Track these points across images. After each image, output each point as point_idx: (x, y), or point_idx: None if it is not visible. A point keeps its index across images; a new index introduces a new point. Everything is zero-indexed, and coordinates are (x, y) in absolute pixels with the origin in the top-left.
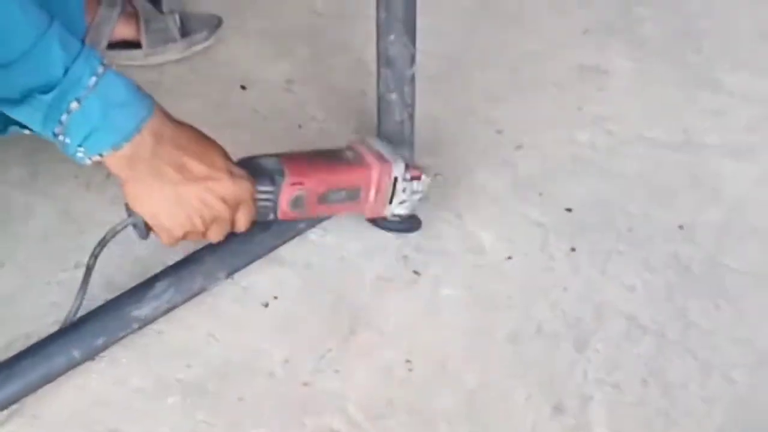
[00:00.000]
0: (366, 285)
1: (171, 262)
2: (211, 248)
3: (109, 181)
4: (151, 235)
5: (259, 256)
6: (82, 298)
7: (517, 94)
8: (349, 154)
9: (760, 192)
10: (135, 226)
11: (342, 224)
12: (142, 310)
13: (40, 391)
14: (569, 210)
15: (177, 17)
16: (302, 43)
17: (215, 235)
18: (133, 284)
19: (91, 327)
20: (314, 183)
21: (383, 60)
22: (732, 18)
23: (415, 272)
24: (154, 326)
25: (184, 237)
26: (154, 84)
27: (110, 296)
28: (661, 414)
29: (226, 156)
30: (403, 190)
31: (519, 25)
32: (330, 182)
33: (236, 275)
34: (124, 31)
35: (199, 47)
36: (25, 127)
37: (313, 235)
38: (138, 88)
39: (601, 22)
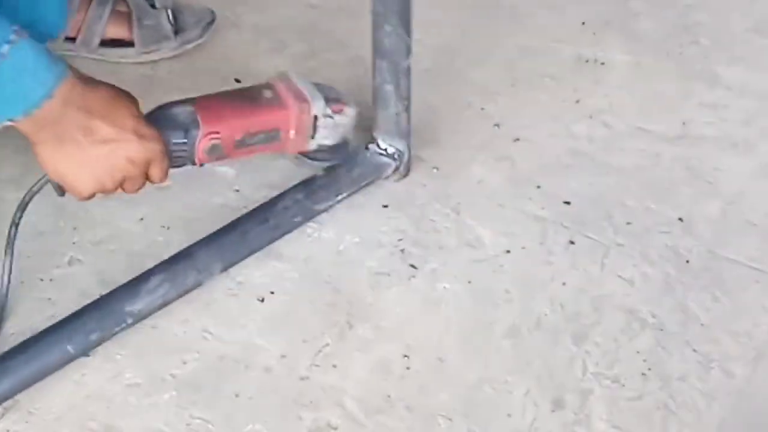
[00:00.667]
0: (363, 279)
1: (166, 256)
2: (206, 243)
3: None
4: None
5: (254, 251)
6: (9, 274)
7: (515, 88)
8: (267, 93)
9: (758, 185)
10: (51, 183)
11: (339, 218)
12: (136, 305)
13: (34, 387)
14: (567, 203)
15: (170, 12)
16: (297, 36)
17: (129, 190)
18: (126, 279)
19: (85, 322)
20: (229, 130)
21: (378, 51)
22: (728, 11)
23: (413, 266)
24: (149, 321)
25: (93, 196)
26: (148, 78)
27: (104, 291)
28: (660, 407)
29: (136, 116)
30: (324, 126)
31: (516, 19)
32: (246, 127)
33: (231, 270)
34: (116, 30)
35: (191, 45)
36: None
37: (310, 229)
38: (50, 55)
39: (598, 15)
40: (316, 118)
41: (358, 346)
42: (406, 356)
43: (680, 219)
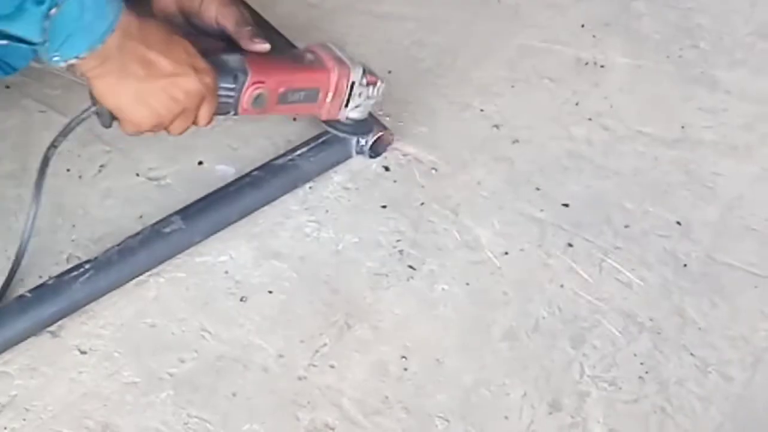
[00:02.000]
0: (362, 280)
1: None
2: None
3: (101, 175)
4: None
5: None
6: (39, 197)
7: (514, 89)
8: (309, 56)
9: (757, 189)
10: (98, 114)
11: (338, 218)
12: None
13: (31, 384)
14: (566, 206)
15: None
16: (296, 34)
17: (178, 129)
18: None
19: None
20: (274, 83)
21: None
22: (729, 15)
23: (411, 267)
24: (147, 319)
25: (149, 130)
26: None
27: None
28: (657, 411)
29: (190, 52)
30: (359, 95)
31: (516, 19)
32: (290, 82)
33: (230, 269)
34: None
35: None
36: None
37: (308, 228)
38: None
39: (599, 17)
40: (353, 85)
41: (356, 346)
42: (404, 357)
43: (678, 223)
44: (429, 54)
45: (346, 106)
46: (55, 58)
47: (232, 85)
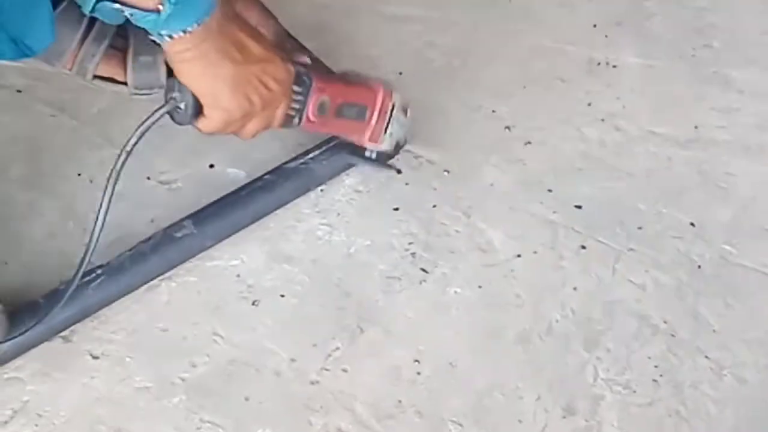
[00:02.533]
0: (374, 283)
1: None
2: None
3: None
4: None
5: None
6: (111, 197)
7: (526, 90)
8: (351, 75)
9: None
10: (178, 110)
11: (350, 221)
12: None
13: (43, 390)
14: (579, 207)
15: None
16: (307, 36)
17: (252, 130)
18: None
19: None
20: (334, 91)
21: None
22: (742, 14)
23: (424, 270)
24: (159, 324)
25: (236, 122)
26: None
27: None
28: (672, 414)
29: (272, 42)
30: (396, 120)
31: (527, 20)
32: (346, 94)
33: (242, 272)
34: (109, 69)
35: None
36: None
37: (320, 231)
38: None
39: (610, 16)
40: (393, 107)
41: (368, 350)
42: (416, 361)
43: (692, 224)
44: (440, 55)
45: (386, 131)
46: (162, 32)
47: (300, 89)
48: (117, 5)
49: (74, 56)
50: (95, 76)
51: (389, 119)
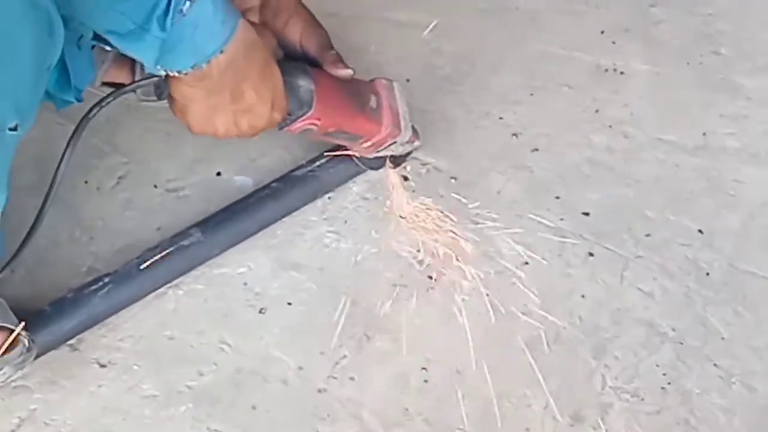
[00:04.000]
0: (381, 290)
1: None
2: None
3: (119, 186)
4: None
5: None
6: (74, 148)
7: (533, 96)
8: (372, 101)
9: None
10: (157, 89)
11: (357, 228)
12: None
13: (51, 398)
14: (586, 214)
15: None
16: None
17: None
18: None
19: None
20: (329, 123)
21: None
22: (750, 20)
23: (431, 278)
24: (167, 332)
25: (201, 132)
26: None
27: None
28: (680, 422)
29: (277, 86)
30: (393, 150)
31: (535, 27)
32: (342, 126)
33: (249, 281)
34: (117, 74)
35: None
36: None
37: (327, 239)
38: (226, 6)
39: (618, 23)
40: (394, 142)
41: (376, 358)
42: (424, 369)
43: (700, 231)
44: (447, 62)
45: (377, 151)
46: (158, 67)
47: (292, 114)
48: (108, 48)
49: None
50: (104, 83)
51: (384, 149)
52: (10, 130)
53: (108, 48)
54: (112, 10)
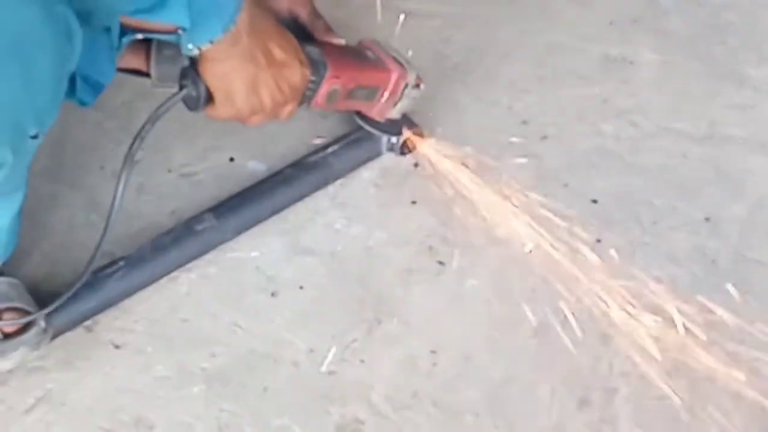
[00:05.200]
0: (391, 275)
1: None
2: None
3: (134, 170)
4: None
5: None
6: (125, 185)
7: (542, 85)
8: (370, 54)
9: None
10: (191, 98)
11: (368, 214)
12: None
13: (66, 378)
14: (594, 202)
15: None
16: None
17: (257, 122)
18: None
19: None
20: (348, 79)
21: None
22: (758, 11)
23: (441, 263)
24: (180, 314)
25: (243, 116)
26: None
27: None
28: (686, 408)
29: (295, 43)
30: (407, 96)
31: (544, 16)
32: (360, 79)
33: (261, 264)
34: (132, 60)
35: None
36: None
37: (338, 224)
38: None
39: (626, 13)
40: (406, 86)
41: (385, 341)
42: (433, 352)
43: (707, 219)
44: (456, 51)
45: (394, 106)
46: (189, 46)
47: (314, 78)
48: (139, 35)
49: None
50: (119, 69)
51: (400, 97)
52: (32, 137)
53: (140, 37)
54: None
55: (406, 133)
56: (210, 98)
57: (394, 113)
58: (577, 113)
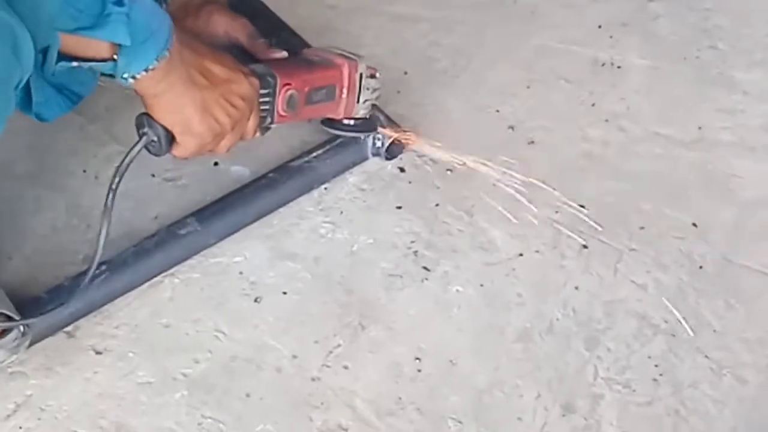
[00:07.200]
0: (376, 280)
1: None
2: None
3: None
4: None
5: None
6: (104, 240)
7: (530, 90)
8: (315, 58)
9: None
10: (152, 143)
11: (353, 219)
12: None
13: (46, 384)
14: (582, 207)
15: None
16: (314, 36)
17: (226, 146)
18: None
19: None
20: (300, 83)
21: None
22: (748, 16)
23: (426, 268)
24: (162, 320)
25: (207, 144)
26: None
27: None
28: (671, 414)
29: (233, 60)
30: (366, 87)
31: (532, 20)
32: (312, 81)
33: (244, 270)
34: None
35: None
36: None
37: (323, 229)
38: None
39: (616, 17)
40: (361, 77)
41: (369, 347)
42: (417, 358)
43: (694, 224)
44: (444, 55)
45: (358, 101)
46: (125, 75)
47: (267, 90)
48: (74, 63)
49: None
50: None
51: (359, 90)
52: None
53: (75, 64)
54: (70, 8)
55: (391, 135)
56: (171, 139)
57: (362, 109)
58: (565, 117)
